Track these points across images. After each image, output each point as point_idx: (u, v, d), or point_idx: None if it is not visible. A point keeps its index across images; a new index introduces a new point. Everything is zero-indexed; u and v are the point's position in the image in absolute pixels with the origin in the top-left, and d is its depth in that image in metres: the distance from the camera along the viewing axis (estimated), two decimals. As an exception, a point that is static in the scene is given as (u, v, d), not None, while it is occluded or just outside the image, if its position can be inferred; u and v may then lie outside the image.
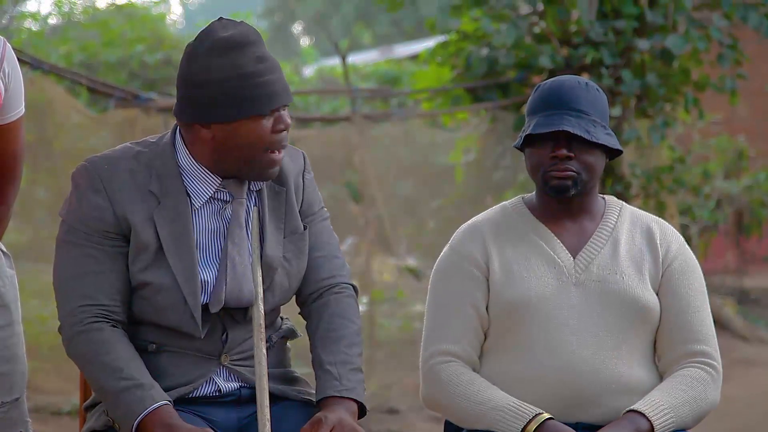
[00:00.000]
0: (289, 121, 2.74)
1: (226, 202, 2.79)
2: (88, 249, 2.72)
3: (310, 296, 2.89)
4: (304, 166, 2.91)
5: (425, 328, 3.00)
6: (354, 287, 2.94)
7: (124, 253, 2.73)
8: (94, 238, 2.72)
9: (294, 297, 2.92)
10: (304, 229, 2.86)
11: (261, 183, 2.81)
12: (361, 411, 2.78)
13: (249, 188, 2.80)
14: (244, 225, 2.78)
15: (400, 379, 7.22)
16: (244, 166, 2.73)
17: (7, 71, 2.85)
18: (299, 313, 2.94)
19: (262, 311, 2.75)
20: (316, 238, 2.89)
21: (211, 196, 2.77)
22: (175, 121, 2.82)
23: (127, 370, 2.67)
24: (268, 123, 2.70)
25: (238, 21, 2.74)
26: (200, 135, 2.72)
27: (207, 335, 2.76)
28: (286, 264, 2.82)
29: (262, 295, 2.75)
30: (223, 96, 2.66)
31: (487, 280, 2.96)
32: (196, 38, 2.71)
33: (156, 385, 2.68)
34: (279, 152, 2.74)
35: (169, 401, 2.67)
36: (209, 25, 2.71)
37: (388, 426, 6.72)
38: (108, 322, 2.71)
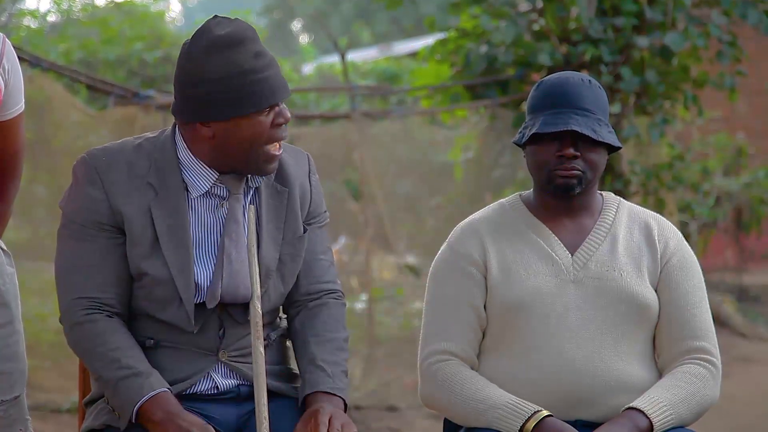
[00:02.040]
0: (288, 115, 2.75)
1: (223, 198, 2.79)
2: (82, 242, 2.74)
3: (309, 296, 2.89)
4: (309, 169, 2.92)
5: (423, 327, 3.00)
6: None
7: (120, 245, 2.75)
8: (88, 230, 2.74)
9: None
10: (304, 232, 2.87)
11: (259, 180, 2.82)
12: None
13: (247, 185, 2.81)
14: (241, 221, 2.79)
15: (399, 376, 7.21)
16: (244, 161, 2.74)
17: (7, 68, 2.85)
18: (284, 311, 2.95)
19: (259, 310, 2.75)
20: (320, 242, 2.91)
21: (208, 191, 2.78)
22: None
23: (124, 360, 2.69)
24: (267, 118, 2.72)
25: (233, 18, 2.75)
26: (200, 133, 2.73)
27: (204, 331, 2.77)
28: (282, 267, 2.83)
29: (259, 293, 2.75)
30: (221, 94, 2.67)
31: (485, 279, 2.95)
32: (191, 37, 2.72)
33: (155, 373, 2.69)
34: (278, 146, 2.75)
35: (168, 389, 2.68)
36: (204, 24, 2.72)
37: (388, 423, 6.72)
38: (102, 312, 2.73)
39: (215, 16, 2.74)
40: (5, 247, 2.95)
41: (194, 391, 2.79)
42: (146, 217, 2.73)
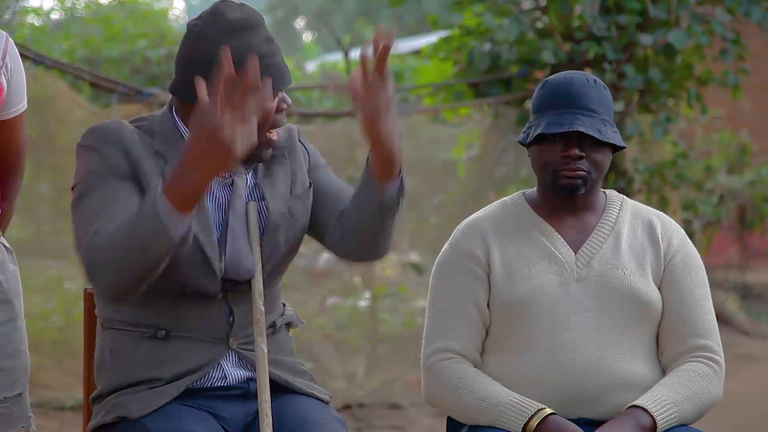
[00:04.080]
0: (290, 100, 2.79)
1: (227, 175, 2.79)
2: (111, 186, 2.64)
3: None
4: (298, 134, 2.93)
5: (426, 326, 3.00)
6: None
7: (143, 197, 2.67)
8: (113, 180, 2.65)
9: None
10: (310, 186, 2.88)
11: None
12: None
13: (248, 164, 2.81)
14: (245, 198, 2.80)
15: (402, 374, 7.21)
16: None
17: (9, 66, 2.86)
18: (328, 240, 2.90)
19: (262, 307, 2.74)
20: (331, 180, 2.92)
21: None
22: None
23: None
24: (272, 104, 2.73)
25: (239, 3, 2.75)
26: None
27: (213, 317, 2.75)
28: (292, 220, 2.83)
29: (261, 290, 2.75)
30: None
31: (488, 277, 2.95)
32: (201, 20, 2.71)
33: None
34: (275, 132, 2.78)
35: None
36: (215, 7, 2.72)
37: (391, 421, 6.72)
38: None
39: (223, 0, 2.73)
40: (8, 244, 2.96)
41: (205, 383, 2.77)
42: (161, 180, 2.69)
